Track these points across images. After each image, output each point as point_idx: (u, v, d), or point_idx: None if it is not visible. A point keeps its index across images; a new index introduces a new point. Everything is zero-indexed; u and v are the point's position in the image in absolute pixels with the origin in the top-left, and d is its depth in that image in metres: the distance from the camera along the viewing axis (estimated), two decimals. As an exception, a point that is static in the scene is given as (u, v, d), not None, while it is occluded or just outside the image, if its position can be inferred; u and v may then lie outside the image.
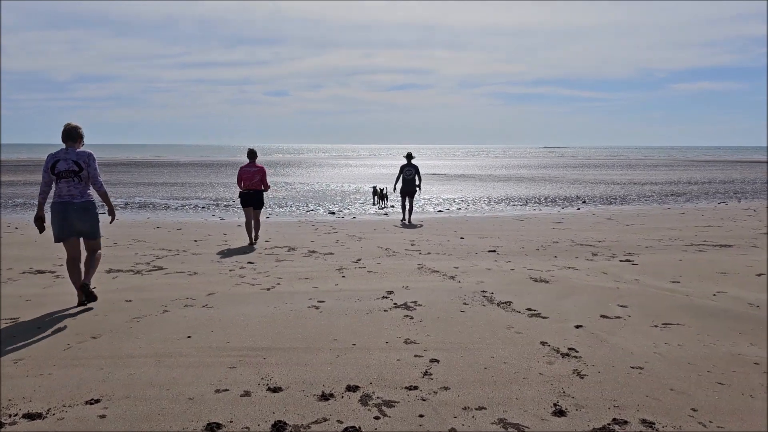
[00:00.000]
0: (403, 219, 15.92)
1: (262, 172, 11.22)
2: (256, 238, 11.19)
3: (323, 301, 6.34)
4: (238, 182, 11.27)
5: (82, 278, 6.03)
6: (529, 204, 23.15)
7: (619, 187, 32.56)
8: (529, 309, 6.03)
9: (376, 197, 22.92)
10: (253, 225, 11.16)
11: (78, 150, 5.92)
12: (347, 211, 20.44)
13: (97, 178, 5.92)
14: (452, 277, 7.75)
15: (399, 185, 15.62)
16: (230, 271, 8.26)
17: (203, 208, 21.19)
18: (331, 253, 9.91)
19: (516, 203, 23.54)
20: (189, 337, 5.05)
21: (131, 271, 8.20)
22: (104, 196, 6.04)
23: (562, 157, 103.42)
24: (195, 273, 8.06)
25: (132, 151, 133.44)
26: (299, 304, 6.22)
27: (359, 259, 9.28)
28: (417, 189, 15.56)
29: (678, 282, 7.52)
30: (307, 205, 22.20)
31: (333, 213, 19.65)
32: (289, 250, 10.30)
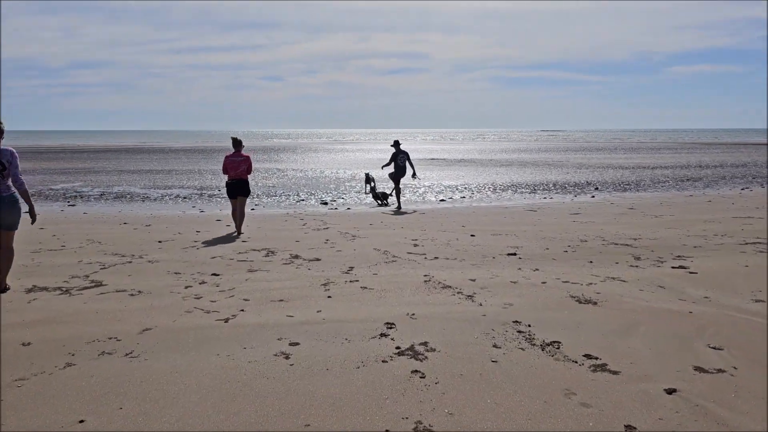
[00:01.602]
0: (398, 206, 16.04)
1: (248, 162, 11.05)
2: (239, 231, 10.84)
3: (297, 344, 4.54)
4: (224, 171, 11.09)
5: None
6: (538, 191, 21.40)
7: (629, 171, 30.80)
8: (588, 356, 4.26)
9: (368, 185, 21.16)
10: (238, 215, 11.01)
11: (2, 148, 5.92)
12: (341, 200, 18.70)
13: (18, 176, 5.98)
14: (470, 297, 5.99)
15: (389, 170, 16.26)
16: (186, 288, 6.46)
17: (185, 198, 19.45)
18: (318, 259, 8.15)
19: (523, 190, 21.80)
20: (81, 421, 3.28)
21: (59, 289, 6.40)
22: (25, 195, 6.10)
23: (563, 140, 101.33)
24: (139, 292, 6.26)
25: (126, 137, 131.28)
26: (263, 350, 4.43)
27: (351, 268, 7.51)
28: (413, 174, 16.28)
29: (763, 301, 5.79)
30: (298, 194, 20.45)
31: (325, 203, 17.92)
32: (267, 255, 8.53)
